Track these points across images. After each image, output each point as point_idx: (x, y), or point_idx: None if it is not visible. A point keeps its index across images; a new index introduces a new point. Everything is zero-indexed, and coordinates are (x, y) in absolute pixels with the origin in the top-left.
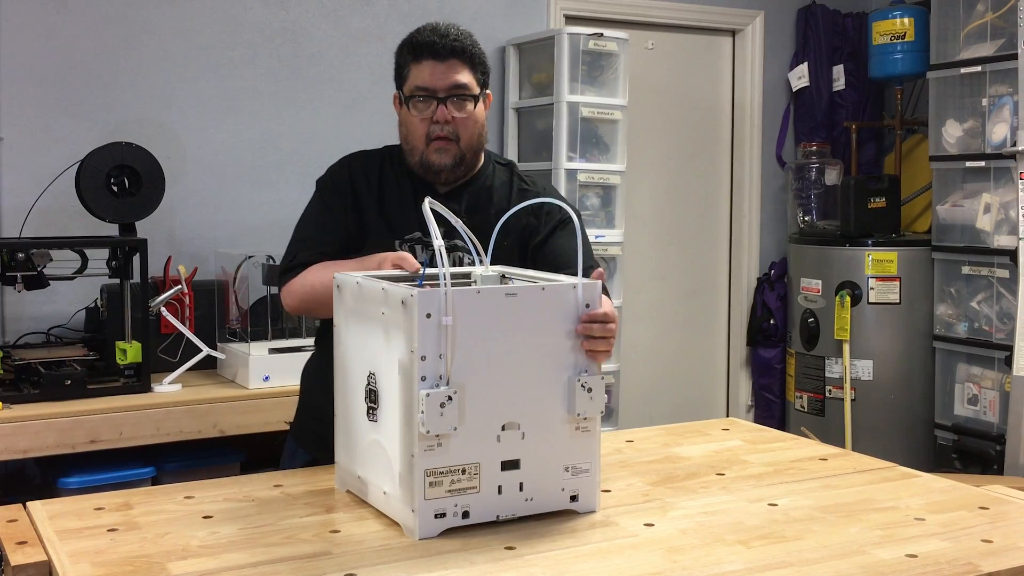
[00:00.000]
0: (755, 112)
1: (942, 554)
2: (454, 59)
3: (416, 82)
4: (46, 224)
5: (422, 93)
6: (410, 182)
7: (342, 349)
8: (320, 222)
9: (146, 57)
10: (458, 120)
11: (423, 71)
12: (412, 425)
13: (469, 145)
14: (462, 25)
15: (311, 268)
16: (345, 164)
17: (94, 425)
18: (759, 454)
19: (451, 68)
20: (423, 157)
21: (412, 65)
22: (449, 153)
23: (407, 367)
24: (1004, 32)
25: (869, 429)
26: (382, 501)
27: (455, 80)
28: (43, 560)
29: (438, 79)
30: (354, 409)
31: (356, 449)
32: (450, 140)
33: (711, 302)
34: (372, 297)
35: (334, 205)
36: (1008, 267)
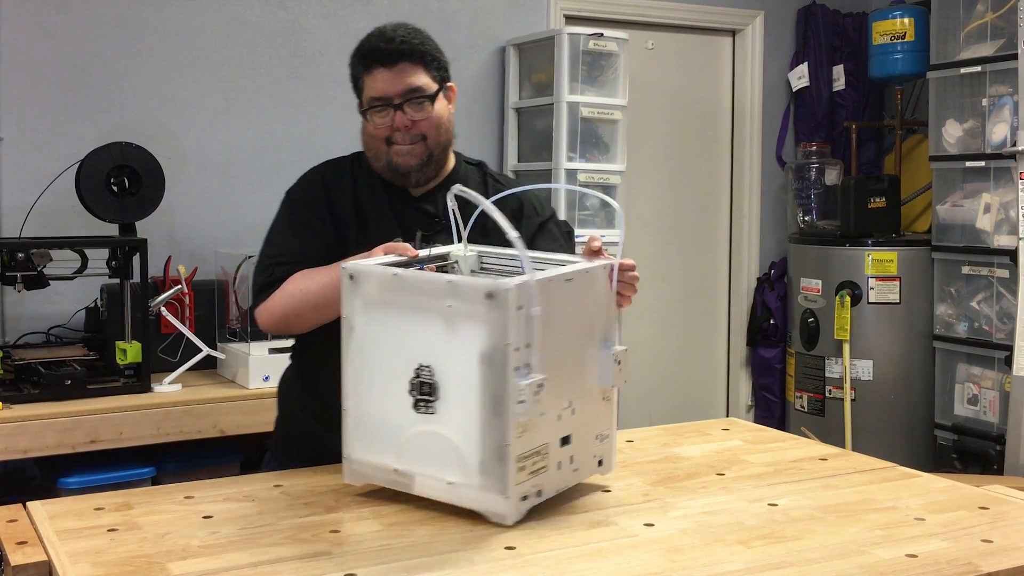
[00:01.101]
0: (755, 112)
1: (942, 554)
2: (404, 62)
3: (370, 92)
4: (46, 224)
5: (378, 103)
6: (383, 188)
7: (359, 342)
8: (295, 236)
9: (146, 57)
10: (419, 123)
11: (375, 80)
12: (503, 414)
13: (436, 143)
14: (460, 23)
15: (289, 280)
16: (317, 175)
17: (94, 425)
18: (759, 454)
19: (402, 72)
20: (388, 160)
21: (364, 76)
22: (414, 154)
23: (496, 358)
24: (1004, 32)
25: (869, 429)
26: (444, 491)
27: (408, 84)
28: (43, 560)
29: (390, 86)
30: (387, 402)
31: (390, 443)
32: (417, 142)
33: (711, 302)
34: (429, 289)
35: (310, 218)
36: (1008, 267)
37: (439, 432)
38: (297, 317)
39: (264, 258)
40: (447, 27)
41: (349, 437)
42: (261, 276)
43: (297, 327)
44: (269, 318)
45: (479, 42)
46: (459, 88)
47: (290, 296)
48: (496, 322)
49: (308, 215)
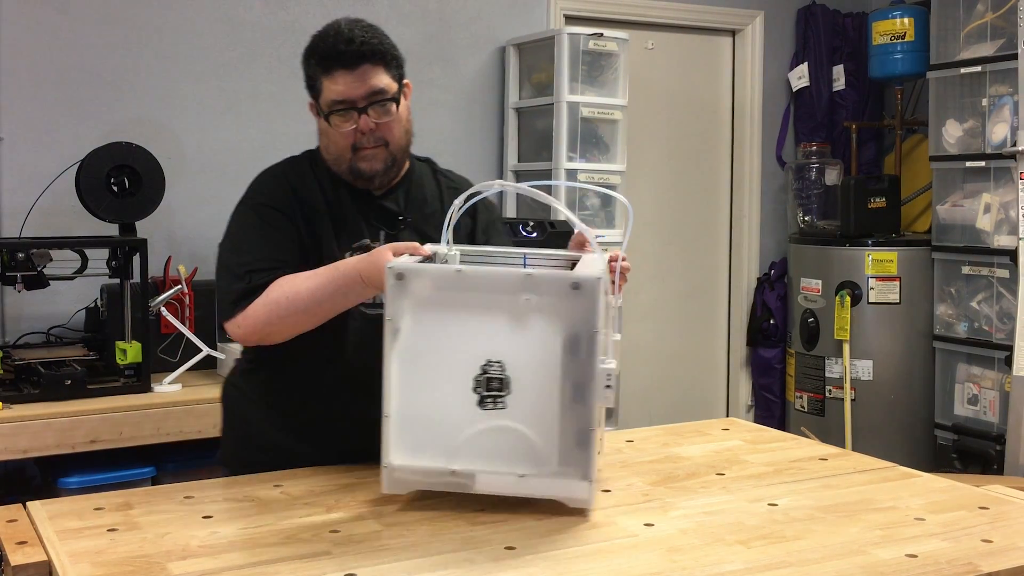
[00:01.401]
0: (755, 112)
1: (942, 554)
2: (365, 64)
3: (331, 96)
4: (46, 224)
5: (340, 107)
6: (345, 187)
7: (407, 344)
8: (268, 242)
9: (146, 57)
10: (382, 125)
11: (336, 83)
12: (586, 400)
13: (398, 146)
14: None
15: (270, 288)
16: (279, 177)
17: (94, 425)
18: (759, 454)
19: (365, 74)
20: (352, 165)
21: (323, 78)
22: (379, 159)
23: (582, 346)
24: (1004, 32)
25: (869, 429)
26: (512, 485)
27: (372, 86)
28: (43, 560)
29: (353, 89)
30: (442, 403)
31: (444, 444)
32: (379, 147)
33: (711, 302)
34: (500, 285)
35: (280, 223)
36: (1008, 267)
37: (509, 426)
38: (282, 324)
39: (235, 267)
40: (447, 27)
41: (390, 444)
42: (238, 284)
43: (278, 336)
44: (251, 327)
45: (479, 42)
46: (459, 88)
47: (275, 304)
48: (582, 311)
49: (279, 219)
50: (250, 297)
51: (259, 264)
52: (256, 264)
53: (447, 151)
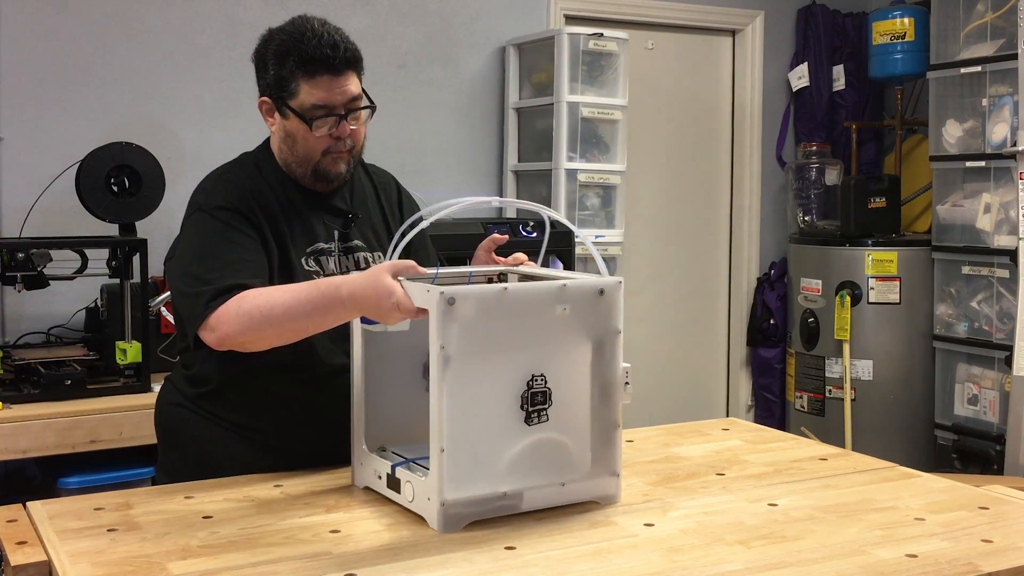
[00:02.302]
0: (755, 112)
1: (942, 554)
2: (348, 70)
3: (312, 99)
4: (46, 224)
5: (321, 112)
6: (294, 188)
7: (458, 372)
8: (233, 245)
9: (146, 57)
10: (354, 132)
11: (318, 88)
12: (610, 399)
13: (360, 150)
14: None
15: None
16: (230, 181)
17: (94, 425)
18: (759, 454)
19: (346, 80)
20: (318, 167)
21: (304, 81)
22: (344, 162)
23: (606, 348)
24: (1004, 32)
25: (869, 429)
26: (556, 495)
27: (352, 93)
28: (43, 560)
29: (336, 95)
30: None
31: (493, 469)
32: (348, 151)
33: (711, 302)
34: (540, 298)
35: (242, 226)
36: (1008, 267)
37: (552, 438)
38: (256, 337)
39: (200, 272)
40: (447, 27)
41: (446, 481)
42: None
43: (252, 347)
44: (224, 334)
45: (479, 42)
46: (459, 88)
47: (247, 316)
48: (606, 314)
49: (240, 222)
50: (221, 297)
51: (228, 267)
52: (225, 267)
53: (447, 151)
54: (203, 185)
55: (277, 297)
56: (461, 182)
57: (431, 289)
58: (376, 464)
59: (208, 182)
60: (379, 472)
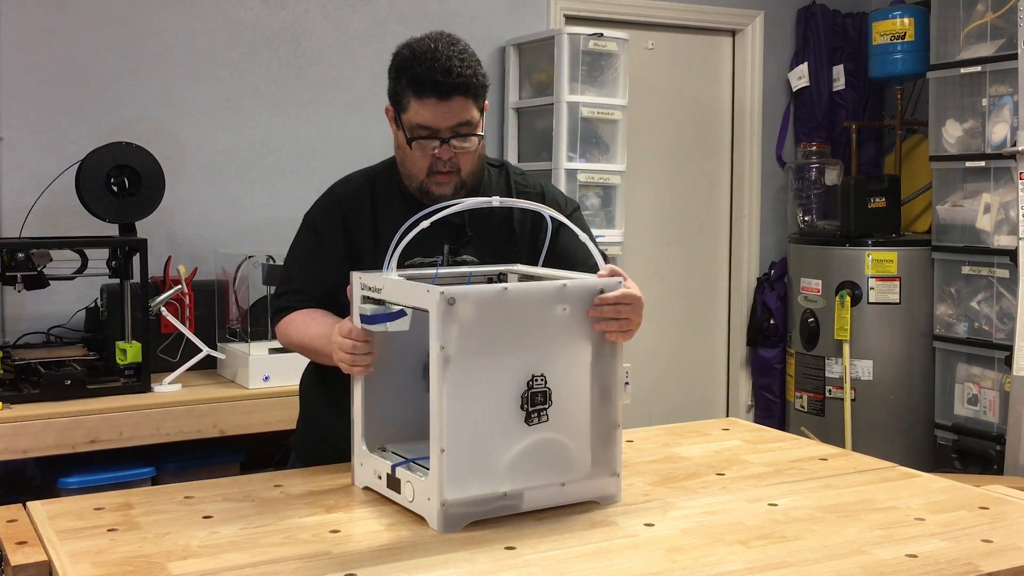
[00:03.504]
0: (755, 112)
1: (942, 554)
2: (458, 96)
3: (418, 120)
4: (46, 224)
5: (425, 132)
6: (403, 203)
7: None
8: (309, 264)
9: (146, 57)
10: (458, 156)
11: (425, 109)
12: (611, 399)
13: (470, 173)
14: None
15: (292, 317)
16: (334, 201)
17: (94, 425)
18: (759, 454)
19: (455, 106)
20: (423, 186)
21: (413, 100)
22: (450, 185)
23: (606, 349)
24: (1004, 32)
25: (869, 429)
26: (556, 495)
27: (459, 119)
28: (43, 560)
29: (441, 119)
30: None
31: (493, 470)
32: (452, 173)
33: (711, 302)
34: (540, 298)
35: (324, 246)
36: (1008, 267)
37: (551, 438)
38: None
39: (280, 283)
40: (447, 27)
41: (446, 481)
42: (275, 301)
43: None
44: (284, 342)
45: (479, 42)
46: None
47: (286, 337)
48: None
49: (323, 243)
50: (279, 315)
51: (293, 284)
52: (292, 284)
53: None
54: (325, 191)
55: (305, 329)
56: None
57: (431, 289)
58: (376, 464)
59: (327, 190)
60: (379, 472)
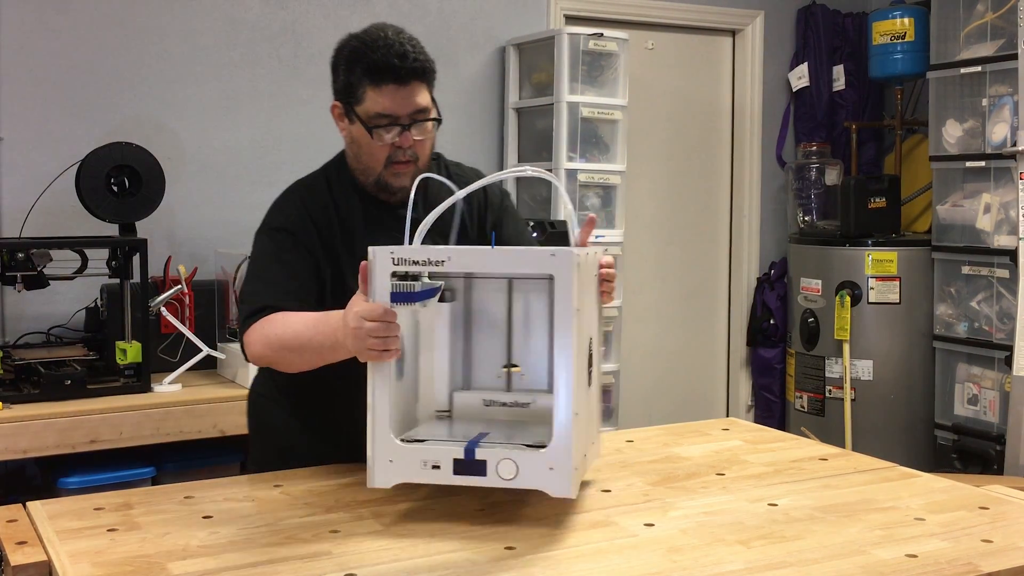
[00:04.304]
0: (755, 112)
1: (942, 554)
2: (415, 80)
3: (377, 108)
4: (46, 224)
5: (385, 120)
6: (358, 199)
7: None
8: (282, 267)
9: (146, 57)
10: (418, 143)
11: (383, 96)
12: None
13: (425, 162)
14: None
15: (271, 318)
16: (295, 201)
17: (94, 425)
18: (759, 454)
19: (413, 91)
20: (380, 179)
21: (370, 88)
22: (408, 175)
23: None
24: (1004, 32)
25: (869, 429)
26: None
27: (418, 104)
28: (43, 560)
29: (401, 105)
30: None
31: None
32: (411, 162)
33: (711, 302)
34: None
35: (297, 249)
36: (1008, 267)
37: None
38: (280, 360)
39: (247, 293)
40: (447, 27)
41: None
42: (245, 308)
43: (283, 368)
44: (253, 354)
45: (479, 42)
46: (459, 88)
47: (266, 338)
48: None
49: (299, 244)
50: (255, 316)
51: (269, 287)
52: (267, 287)
53: (447, 151)
54: (275, 201)
55: (293, 323)
56: None
57: (557, 252)
58: (422, 454)
59: (279, 199)
60: (434, 461)
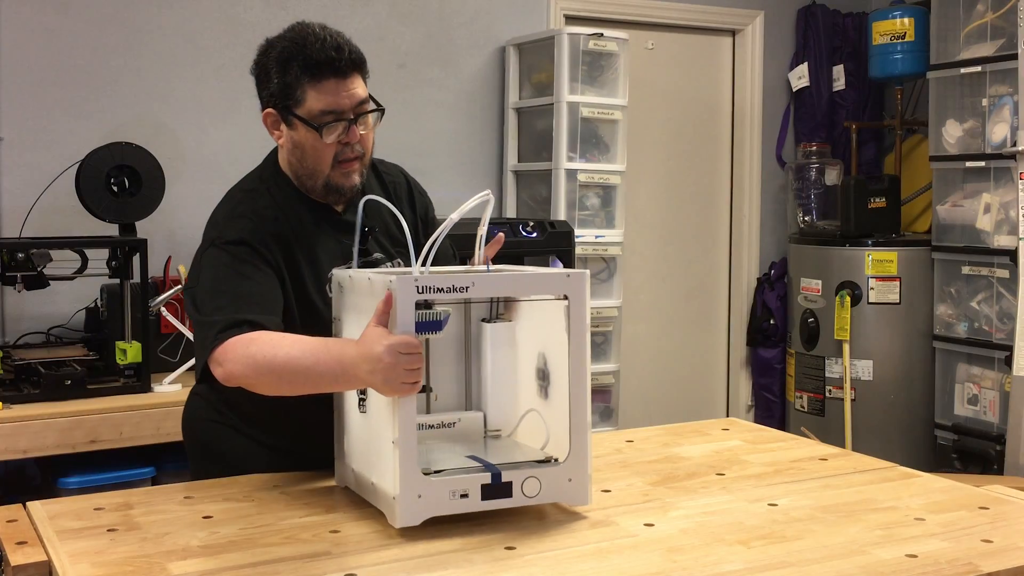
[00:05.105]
0: (755, 112)
1: (942, 554)
2: (354, 72)
3: (320, 105)
4: (46, 224)
5: (330, 117)
6: (305, 208)
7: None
8: (248, 281)
9: (146, 57)
10: (363, 137)
11: (324, 92)
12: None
13: (368, 159)
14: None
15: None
16: (249, 216)
17: (94, 425)
18: (759, 454)
19: (353, 83)
20: (328, 181)
21: (309, 86)
22: (355, 173)
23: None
24: (1004, 32)
25: (869, 429)
26: None
27: (360, 96)
28: (43, 560)
29: (344, 99)
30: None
31: None
32: (358, 159)
33: (711, 302)
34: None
35: (258, 263)
36: (1008, 267)
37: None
38: (259, 382)
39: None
40: (447, 27)
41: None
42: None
43: (259, 390)
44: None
45: (479, 42)
46: (459, 88)
47: (251, 359)
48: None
49: (254, 258)
50: (232, 330)
51: (241, 300)
52: (238, 300)
53: (447, 151)
54: (216, 218)
55: (285, 347)
56: (461, 182)
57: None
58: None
59: (221, 215)
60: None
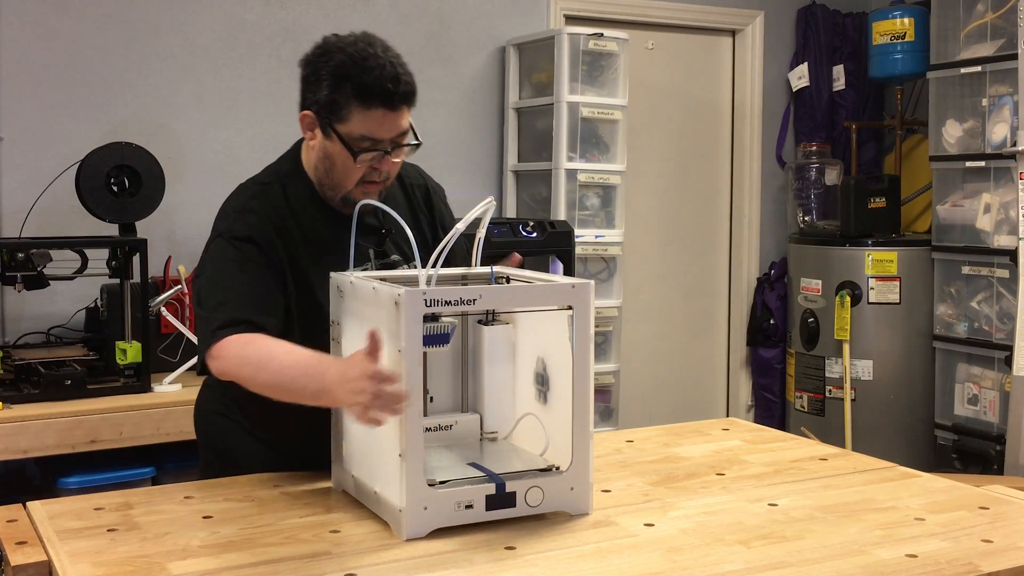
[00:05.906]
0: (755, 112)
1: (942, 554)
2: (404, 105)
3: (362, 130)
4: (46, 224)
5: (367, 144)
6: (316, 210)
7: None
8: (251, 279)
9: (146, 57)
10: (393, 165)
11: (371, 119)
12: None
13: (391, 181)
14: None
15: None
16: (258, 212)
17: (94, 425)
18: (759, 454)
19: (400, 116)
20: (348, 196)
21: (357, 109)
22: (375, 193)
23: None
24: (1004, 32)
25: (869, 429)
26: None
27: (401, 128)
28: (43, 560)
29: (387, 130)
30: None
31: None
32: (381, 182)
33: (711, 302)
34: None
35: (262, 262)
36: (1008, 267)
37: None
38: (252, 383)
39: (214, 302)
40: (447, 27)
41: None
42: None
43: (251, 389)
44: (223, 369)
45: (479, 42)
46: (459, 88)
47: (246, 360)
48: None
49: (260, 257)
50: (231, 328)
51: (242, 299)
52: (239, 299)
53: (447, 151)
54: (226, 209)
55: (278, 354)
56: (461, 182)
57: (576, 284)
58: (454, 496)
59: (232, 207)
60: (467, 501)
